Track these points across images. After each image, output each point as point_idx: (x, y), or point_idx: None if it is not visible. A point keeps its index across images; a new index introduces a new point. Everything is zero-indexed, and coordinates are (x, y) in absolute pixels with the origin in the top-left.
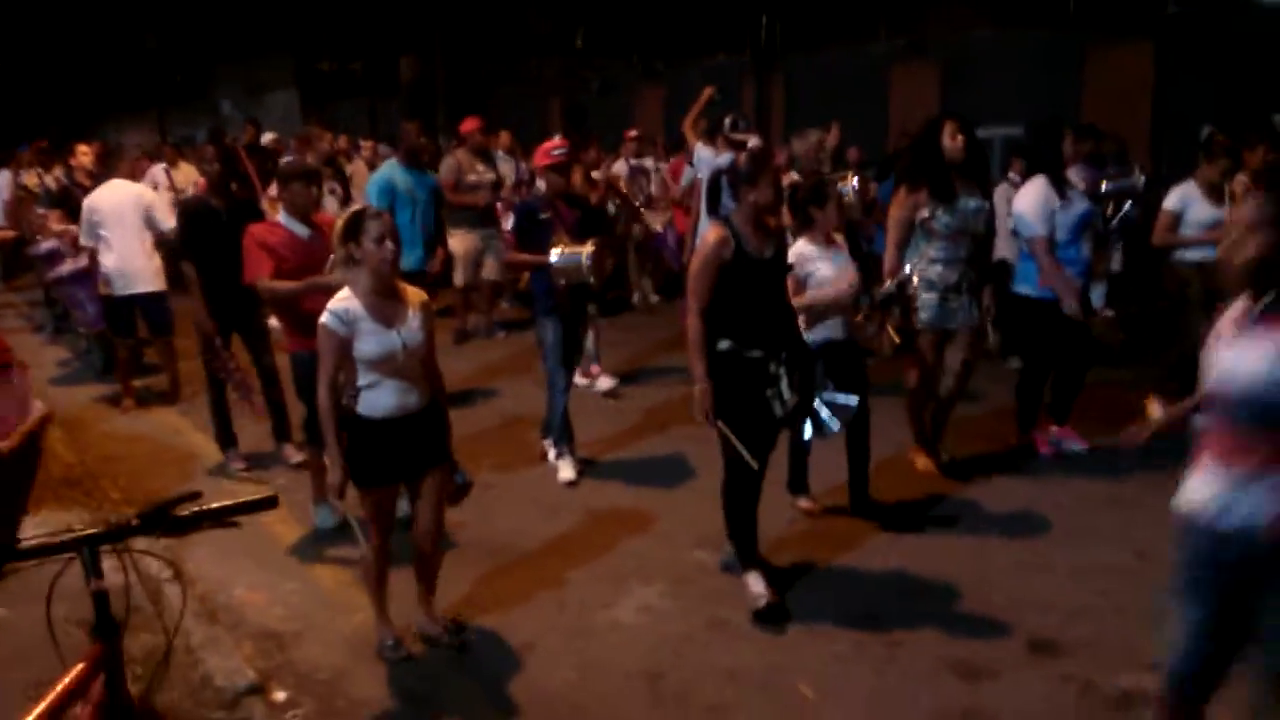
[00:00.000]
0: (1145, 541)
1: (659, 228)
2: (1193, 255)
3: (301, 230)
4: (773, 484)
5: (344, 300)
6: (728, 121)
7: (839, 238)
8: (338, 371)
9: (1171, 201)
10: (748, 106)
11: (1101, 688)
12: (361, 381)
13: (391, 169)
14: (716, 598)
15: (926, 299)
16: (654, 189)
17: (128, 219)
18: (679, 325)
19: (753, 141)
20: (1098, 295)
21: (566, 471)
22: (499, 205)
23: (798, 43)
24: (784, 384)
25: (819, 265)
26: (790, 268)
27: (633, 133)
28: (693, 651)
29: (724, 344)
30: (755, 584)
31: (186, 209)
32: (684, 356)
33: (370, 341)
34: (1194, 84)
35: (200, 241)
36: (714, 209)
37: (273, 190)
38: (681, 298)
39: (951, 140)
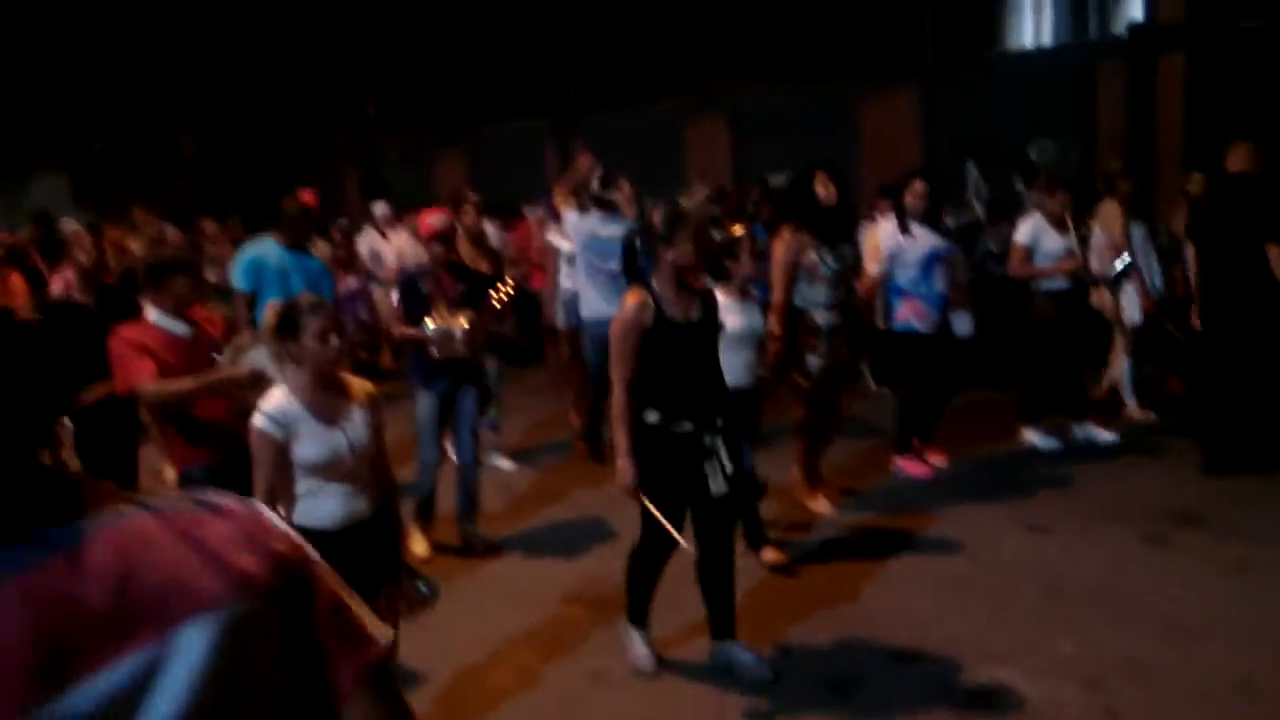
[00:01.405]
0: (988, 550)
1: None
2: (1050, 285)
3: (180, 329)
4: None
5: (278, 398)
6: (595, 182)
7: (750, 289)
8: (277, 482)
9: (1023, 235)
10: (551, 168)
11: (959, 685)
12: (300, 489)
13: (264, 247)
14: (592, 651)
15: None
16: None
17: None
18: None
19: (623, 192)
20: (962, 325)
21: (421, 547)
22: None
23: (594, 103)
24: (722, 455)
25: (728, 317)
26: (722, 328)
27: (473, 197)
28: (575, 707)
29: (651, 416)
30: (639, 646)
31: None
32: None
33: (312, 444)
34: (957, 127)
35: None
36: (632, 274)
37: (59, 286)
38: (541, 364)
39: (824, 189)
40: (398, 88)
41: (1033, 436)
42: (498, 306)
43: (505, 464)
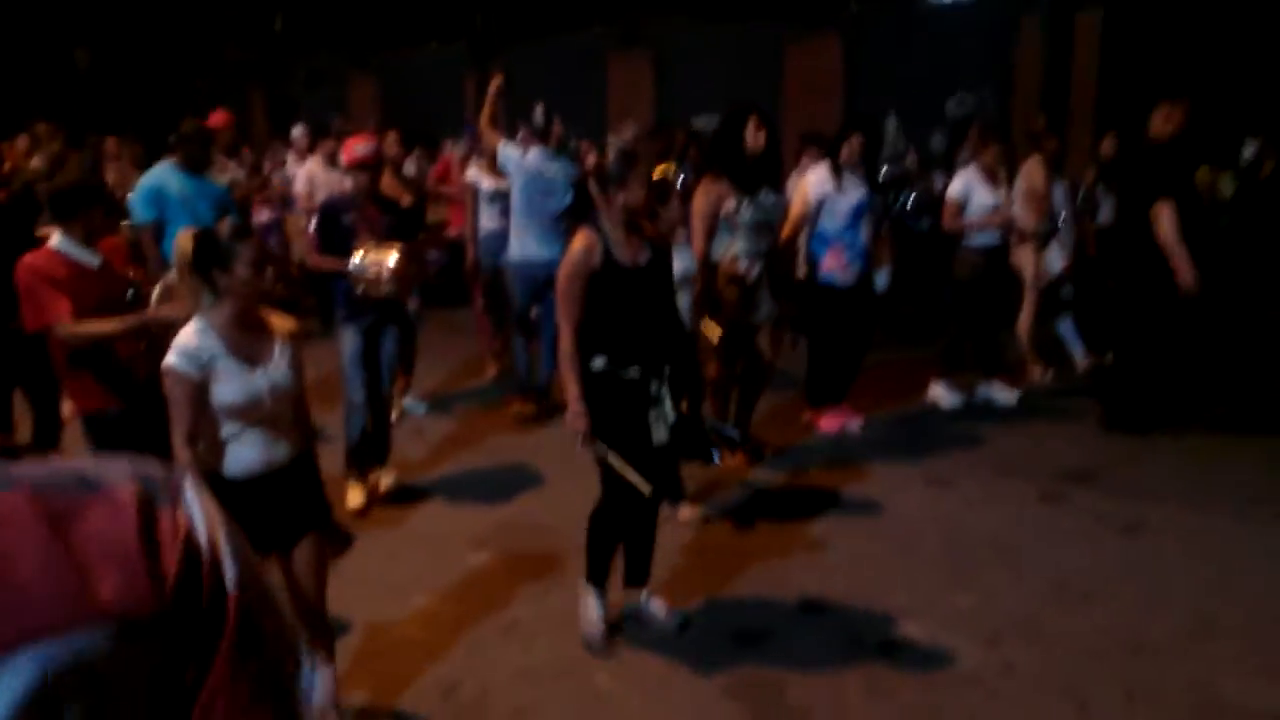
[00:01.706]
0: (893, 505)
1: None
2: (980, 240)
3: (91, 259)
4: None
5: (195, 335)
6: (537, 114)
7: (681, 233)
8: (196, 425)
9: (955, 189)
10: (469, 98)
11: (865, 639)
12: (218, 433)
13: (164, 173)
14: (506, 601)
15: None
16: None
17: None
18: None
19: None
20: (882, 279)
21: (356, 498)
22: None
23: (515, 32)
24: (666, 405)
25: None
26: (658, 269)
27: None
28: (486, 657)
29: (598, 362)
30: (593, 612)
31: None
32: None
33: (231, 385)
34: (878, 76)
35: None
36: (580, 215)
37: None
38: (466, 305)
39: (754, 135)
40: (309, 4)
41: (940, 392)
42: (427, 245)
43: (418, 408)
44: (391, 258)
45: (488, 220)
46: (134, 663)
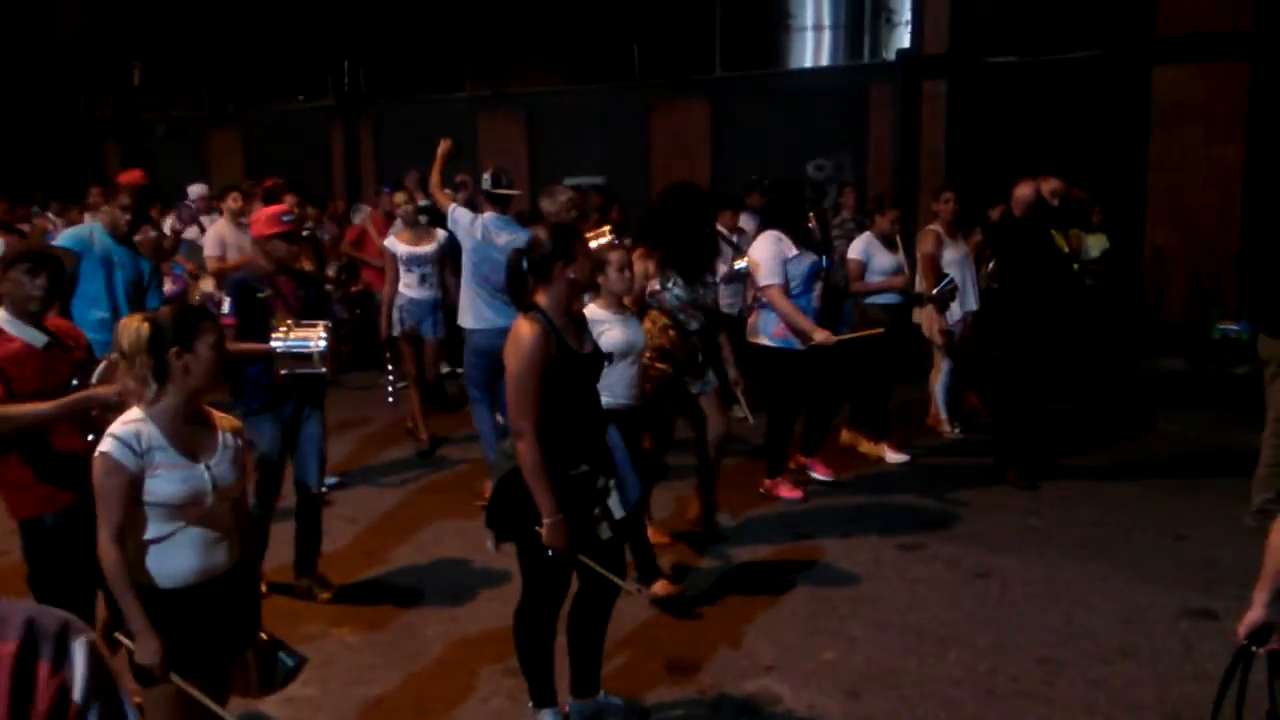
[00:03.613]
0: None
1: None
2: (882, 299)
3: (35, 337)
4: None
5: (133, 423)
6: (488, 177)
7: (627, 301)
8: (126, 522)
9: (856, 252)
10: (337, 152)
11: (731, 695)
12: (149, 534)
13: (92, 229)
14: (364, 676)
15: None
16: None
17: None
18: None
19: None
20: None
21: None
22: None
23: (384, 89)
24: (613, 499)
25: (609, 329)
26: (609, 357)
27: (272, 181)
28: None
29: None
30: None
31: None
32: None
33: (170, 479)
34: (742, 139)
35: None
36: (520, 298)
37: None
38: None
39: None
40: (167, 54)
41: (889, 453)
42: (346, 318)
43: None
44: (320, 335)
45: (405, 287)
46: None
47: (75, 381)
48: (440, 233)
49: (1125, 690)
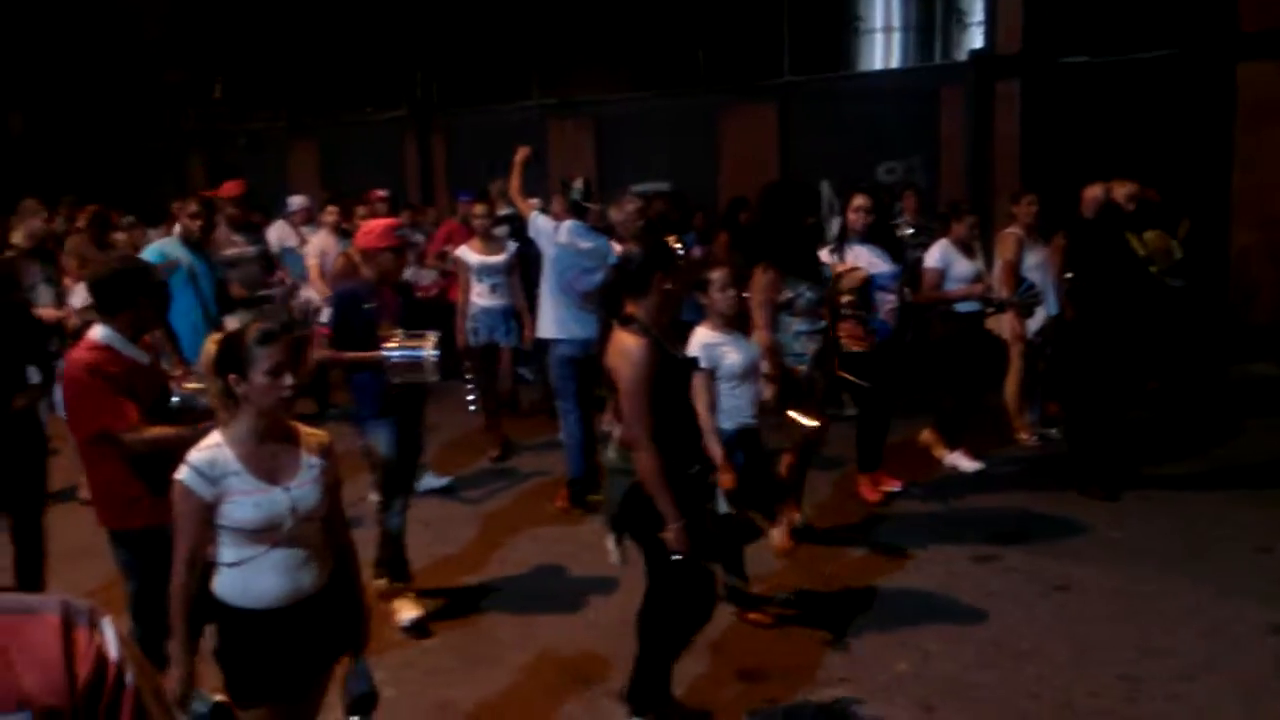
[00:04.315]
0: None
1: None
2: (962, 307)
3: (141, 356)
4: None
5: (210, 449)
6: (579, 187)
7: (759, 320)
8: (200, 547)
9: (933, 259)
10: (410, 162)
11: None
12: (229, 557)
13: (170, 245)
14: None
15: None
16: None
17: None
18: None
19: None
20: None
21: (410, 610)
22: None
23: (456, 99)
24: (720, 496)
25: (727, 351)
26: (695, 362)
27: (381, 193)
28: None
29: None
30: None
31: None
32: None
33: (244, 505)
34: (811, 144)
35: None
36: (614, 309)
37: None
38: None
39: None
40: (249, 69)
41: (959, 459)
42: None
43: (436, 481)
44: (431, 344)
45: (477, 296)
46: None
47: (176, 399)
48: (511, 243)
49: (1208, 708)
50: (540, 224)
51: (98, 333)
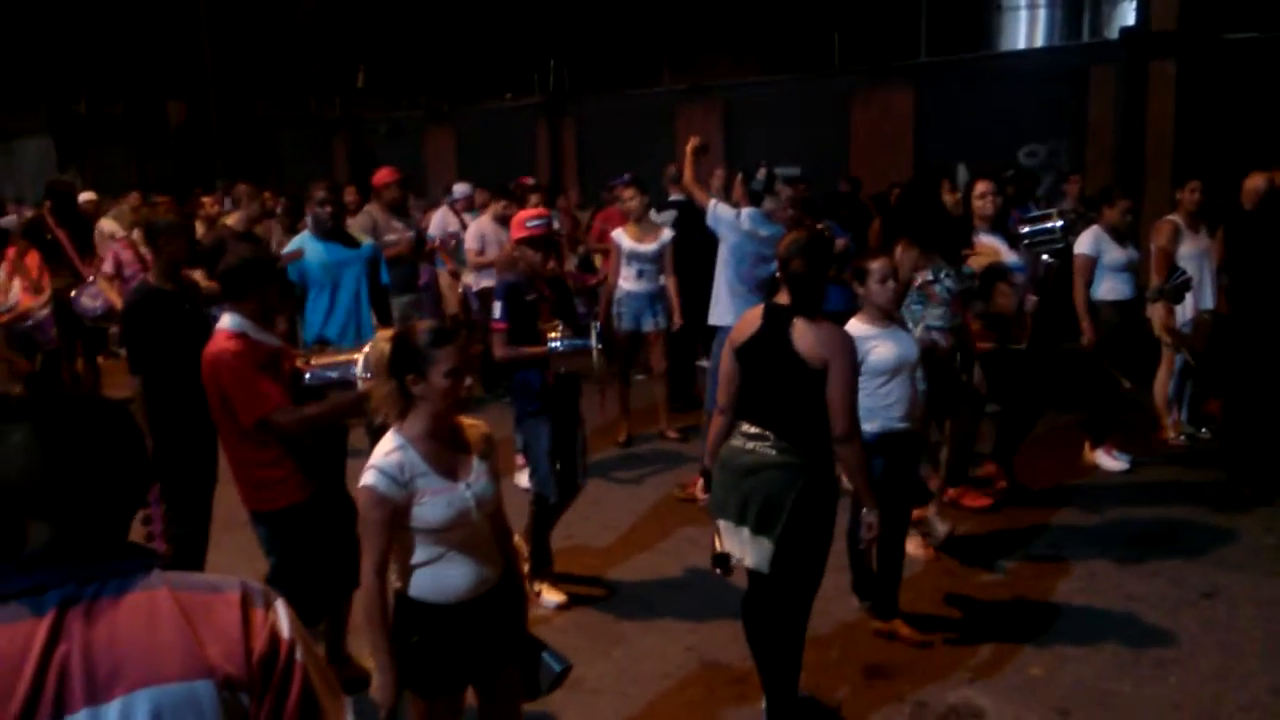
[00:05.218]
0: (964, 568)
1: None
2: (1113, 295)
3: (273, 340)
4: None
5: (394, 451)
6: (760, 176)
7: (895, 314)
8: (387, 553)
9: (1085, 247)
10: (541, 148)
11: (931, 705)
12: (420, 557)
13: (300, 242)
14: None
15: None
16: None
17: None
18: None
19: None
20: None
21: (553, 595)
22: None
23: (586, 85)
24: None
25: (877, 344)
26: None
27: (528, 180)
28: None
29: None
30: None
31: (137, 300)
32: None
33: (435, 504)
34: (948, 126)
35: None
36: (816, 305)
37: (106, 267)
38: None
39: (951, 196)
40: (388, 58)
41: (1105, 459)
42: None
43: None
44: (595, 334)
45: (623, 280)
46: (229, 707)
47: (308, 377)
48: (666, 232)
49: None
50: (721, 212)
51: (228, 321)
